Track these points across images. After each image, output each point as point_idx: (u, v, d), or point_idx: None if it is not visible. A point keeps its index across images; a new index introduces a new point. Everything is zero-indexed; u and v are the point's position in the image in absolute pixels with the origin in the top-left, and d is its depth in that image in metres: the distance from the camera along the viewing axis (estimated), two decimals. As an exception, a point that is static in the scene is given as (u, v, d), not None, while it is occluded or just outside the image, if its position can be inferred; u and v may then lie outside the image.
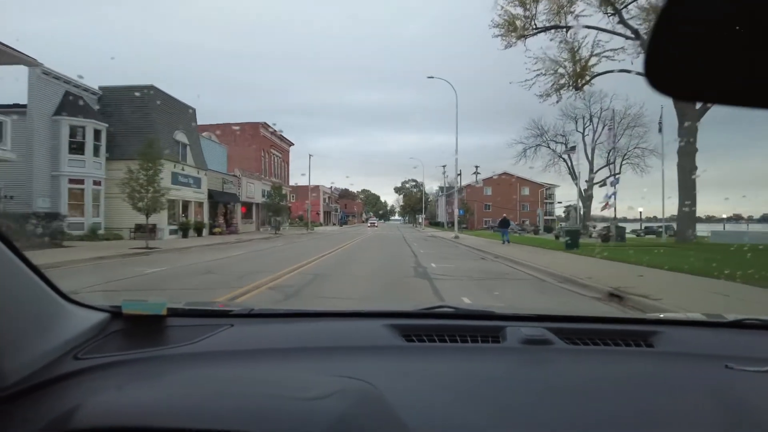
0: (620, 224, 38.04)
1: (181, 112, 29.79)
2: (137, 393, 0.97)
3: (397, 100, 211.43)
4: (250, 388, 0.97)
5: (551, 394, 1.05)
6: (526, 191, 76.96)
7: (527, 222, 65.26)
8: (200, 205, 31.14)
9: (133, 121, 25.33)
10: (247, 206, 40.03)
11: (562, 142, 52.35)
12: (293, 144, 56.20)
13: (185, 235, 27.38)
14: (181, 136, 28.83)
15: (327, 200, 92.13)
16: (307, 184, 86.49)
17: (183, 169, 27.90)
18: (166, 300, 1.39)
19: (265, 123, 45.74)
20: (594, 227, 38.81)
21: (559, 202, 68.98)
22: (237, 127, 44.06)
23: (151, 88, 26.64)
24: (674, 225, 31.14)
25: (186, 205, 29.41)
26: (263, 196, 39.49)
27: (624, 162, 49.58)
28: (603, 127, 48.92)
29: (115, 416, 0.83)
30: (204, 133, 34.55)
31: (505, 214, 32.31)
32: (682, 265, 11.73)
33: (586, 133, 51.48)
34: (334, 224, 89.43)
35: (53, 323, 1.12)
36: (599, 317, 1.63)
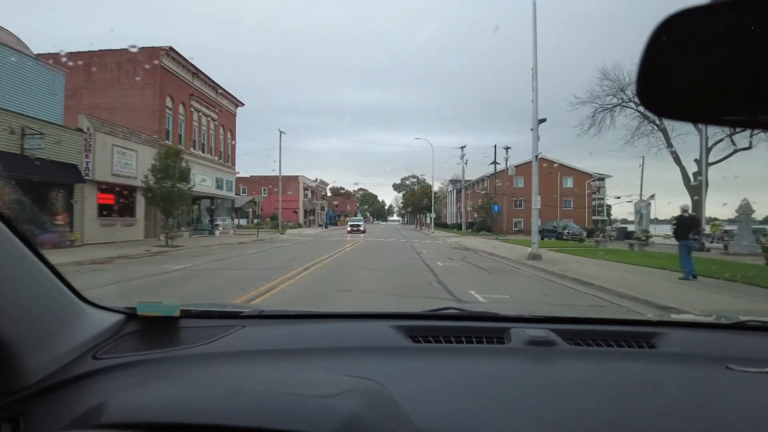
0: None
1: None
2: (158, 391, 0.98)
3: (398, 101, 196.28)
4: (263, 386, 0.99)
5: (555, 395, 1.06)
6: (569, 182, 58.08)
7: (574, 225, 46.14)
8: None
9: None
10: (119, 193, 20.92)
11: (649, 103, 34.00)
12: (242, 105, 36.56)
13: None
14: None
15: (310, 196, 73.38)
16: (287, 174, 68.03)
17: None
18: (179, 302, 1.40)
19: (171, 49, 25.01)
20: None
21: (617, 197, 50.36)
22: (115, 56, 24.81)
23: None
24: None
25: None
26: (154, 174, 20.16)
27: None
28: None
29: (140, 412, 0.85)
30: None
31: (688, 210, 13.07)
32: None
33: (689, 88, 33.25)
34: (319, 225, 70.47)
35: (73, 324, 1.15)
36: (603, 319, 1.63)
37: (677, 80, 0.62)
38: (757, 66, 0.57)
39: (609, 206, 59.13)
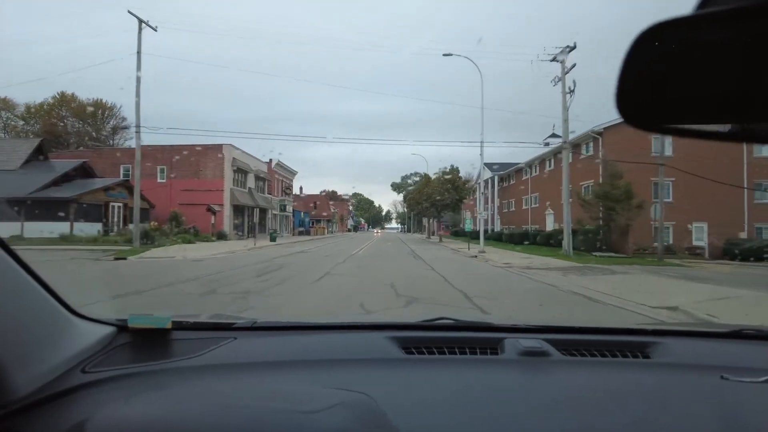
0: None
1: None
2: (144, 406, 0.99)
3: (397, 108, 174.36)
4: (251, 402, 1.00)
5: (549, 406, 1.05)
6: (765, 151, 28.18)
7: None
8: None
9: None
10: None
11: None
12: None
13: None
14: None
15: (253, 185, 43.31)
16: (205, 143, 37.54)
17: None
18: (171, 314, 1.40)
19: None
20: None
21: None
22: None
23: None
24: None
25: None
26: None
27: None
28: None
29: (123, 429, 0.86)
30: None
31: None
32: None
33: None
34: (272, 233, 39.44)
35: (61, 337, 1.13)
36: (597, 328, 1.59)
37: (658, 92, 0.61)
38: (739, 78, 0.56)
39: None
